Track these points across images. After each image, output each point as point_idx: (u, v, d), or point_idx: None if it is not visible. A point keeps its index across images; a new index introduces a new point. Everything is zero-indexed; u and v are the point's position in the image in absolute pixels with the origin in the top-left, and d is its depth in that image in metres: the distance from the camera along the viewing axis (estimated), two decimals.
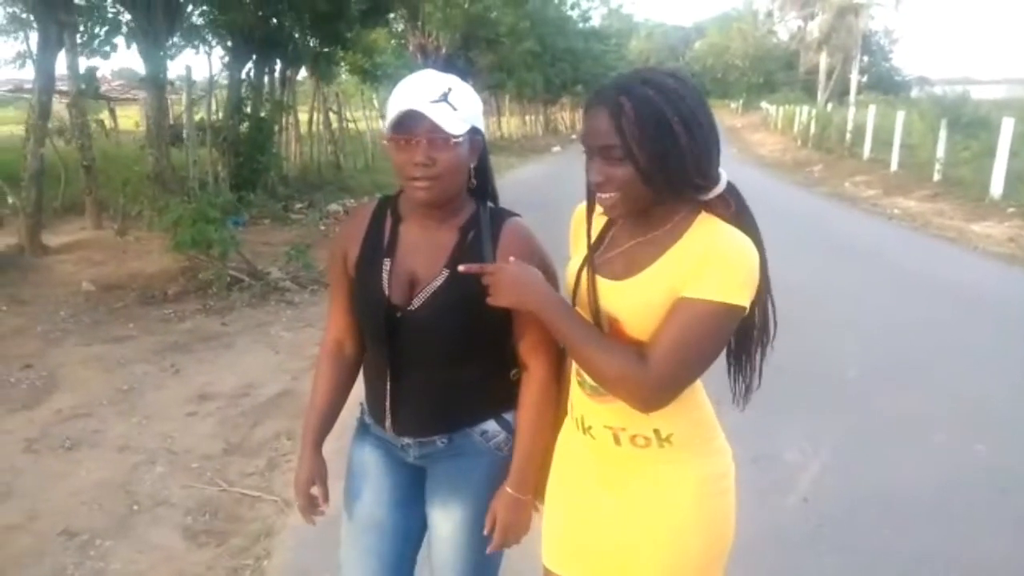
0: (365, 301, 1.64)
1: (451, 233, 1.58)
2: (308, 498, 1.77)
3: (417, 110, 1.45)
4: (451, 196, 1.55)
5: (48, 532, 3.15)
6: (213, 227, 6.30)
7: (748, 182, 4.43)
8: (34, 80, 8.41)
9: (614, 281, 1.38)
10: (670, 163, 1.28)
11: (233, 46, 11.74)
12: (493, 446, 1.66)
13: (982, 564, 2.90)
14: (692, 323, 1.27)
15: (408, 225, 1.62)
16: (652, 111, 1.26)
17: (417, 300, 1.56)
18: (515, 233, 1.60)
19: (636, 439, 1.43)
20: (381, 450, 1.75)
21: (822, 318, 6.02)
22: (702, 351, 1.30)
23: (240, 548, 3.05)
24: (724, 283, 1.26)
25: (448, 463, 1.68)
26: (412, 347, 1.59)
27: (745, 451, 3.67)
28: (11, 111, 27.24)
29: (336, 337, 1.77)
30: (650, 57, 72.52)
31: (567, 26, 29.56)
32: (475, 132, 1.55)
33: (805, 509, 3.27)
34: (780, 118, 31.82)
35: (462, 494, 1.66)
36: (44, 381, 4.77)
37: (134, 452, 3.84)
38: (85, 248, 8.22)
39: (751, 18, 60.97)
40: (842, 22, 40.16)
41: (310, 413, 1.79)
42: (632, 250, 1.38)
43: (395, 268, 1.59)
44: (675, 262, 1.32)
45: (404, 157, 1.49)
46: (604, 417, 1.45)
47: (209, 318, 6.02)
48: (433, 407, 1.65)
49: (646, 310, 1.32)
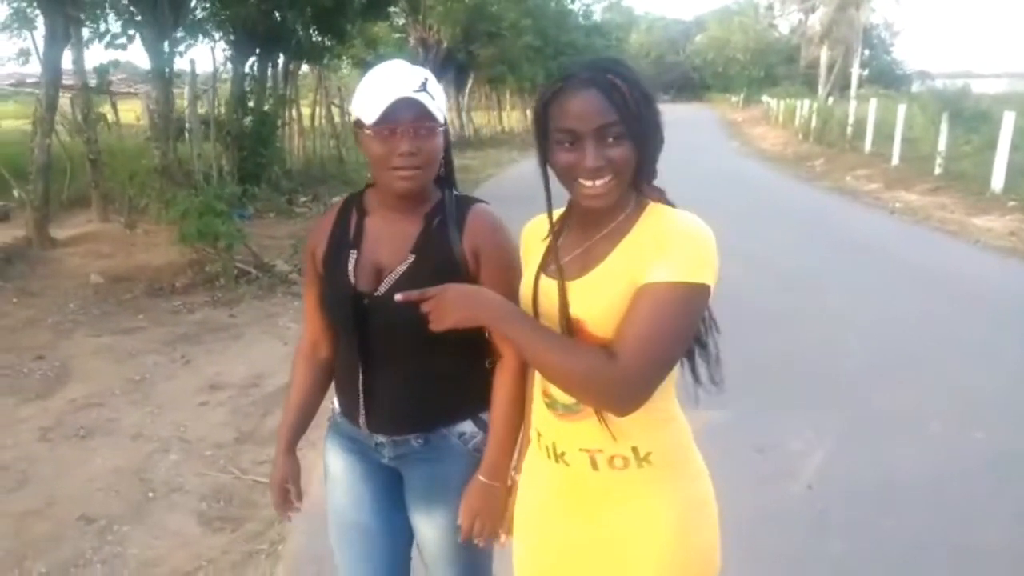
0: (332, 292, 1.62)
1: (417, 221, 1.58)
2: (282, 495, 1.81)
3: (408, 97, 1.45)
4: (427, 183, 1.57)
5: (66, 518, 3.22)
6: (220, 220, 6.36)
7: (750, 176, 4.45)
8: (41, 74, 8.45)
9: (570, 281, 1.31)
10: (655, 143, 1.28)
11: (236, 40, 11.78)
12: (472, 448, 1.63)
13: (981, 550, 2.96)
14: (657, 309, 1.19)
15: (373, 218, 1.62)
16: (642, 90, 1.25)
17: (383, 285, 1.55)
18: (481, 218, 1.59)
19: (614, 460, 1.34)
20: (355, 455, 1.72)
21: (824, 311, 6.08)
22: (673, 337, 1.22)
23: (255, 533, 3.11)
24: (685, 263, 1.20)
25: (426, 468, 1.65)
26: (382, 335, 1.57)
27: (750, 441, 3.77)
28: (11, 105, 27.25)
29: (311, 338, 1.77)
30: (650, 51, 72.45)
31: (568, 20, 29.56)
32: (444, 121, 1.56)
33: (809, 496, 3.33)
34: (781, 112, 31.79)
35: (445, 500, 1.64)
36: (57, 371, 4.84)
37: (148, 440, 3.91)
38: (92, 241, 8.28)
39: (752, 12, 60.81)
40: (843, 16, 40.07)
41: (285, 414, 1.81)
42: (586, 251, 1.32)
43: (361, 258, 1.59)
44: (630, 251, 1.27)
45: (388, 148, 1.47)
46: (579, 439, 1.36)
47: (217, 310, 6.09)
48: (407, 399, 1.62)
49: (607, 304, 1.25)
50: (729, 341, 1.54)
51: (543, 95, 1.28)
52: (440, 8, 21.30)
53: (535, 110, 1.31)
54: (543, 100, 1.27)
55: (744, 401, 4.26)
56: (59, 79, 8.49)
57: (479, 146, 21.82)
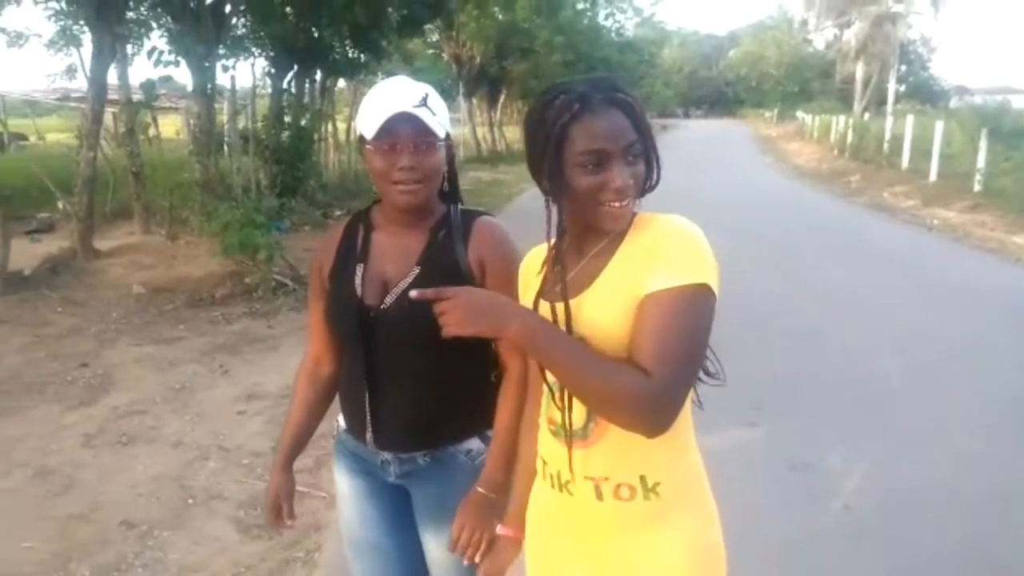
0: (338, 305, 1.62)
1: (422, 235, 1.58)
2: (275, 513, 1.80)
3: (406, 112, 1.46)
4: (430, 198, 1.57)
5: (109, 523, 3.29)
6: (259, 232, 6.49)
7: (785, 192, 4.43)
8: (87, 89, 8.69)
9: (572, 300, 1.27)
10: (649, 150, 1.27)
11: (275, 57, 12.02)
12: (479, 465, 1.60)
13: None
14: (671, 315, 1.15)
15: (380, 233, 1.62)
16: (642, 107, 1.25)
17: (389, 298, 1.55)
18: (486, 229, 1.59)
19: (620, 490, 1.28)
20: (361, 475, 1.71)
21: (861, 327, 6.02)
22: (692, 341, 1.17)
23: (291, 541, 3.15)
24: (686, 265, 1.17)
25: (433, 487, 1.63)
26: (388, 348, 1.57)
27: (784, 458, 3.74)
28: (55, 119, 28.01)
29: (314, 354, 1.76)
30: (683, 66, 72.31)
31: (601, 37, 29.64)
32: (447, 136, 1.56)
33: (846, 515, 3.29)
34: (816, 128, 31.52)
35: (452, 515, 1.60)
36: (100, 379, 4.96)
37: (188, 448, 3.99)
38: (134, 252, 8.47)
39: (786, 27, 60.45)
40: (879, 31, 39.70)
41: (284, 430, 1.80)
42: (581, 271, 1.29)
43: (367, 272, 1.59)
44: (625, 261, 1.24)
45: (388, 162, 1.48)
46: (584, 466, 1.30)
47: (255, 321, 6.19)
48: (414, 416, 1.60)
49: (609, 319, 1.22)
50: (762, 357, 1.53)
51: (560, 117, 1.21)
52: (473, 25, 21.52)
53: (549, 133, 1.22)
54: (561, 122, 1.20)
55: (776, 418, 4.24)
56: (104, 94, 8.74)
57: (511, 161, 21.91)
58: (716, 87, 75.60)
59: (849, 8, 41.59)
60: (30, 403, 4.58)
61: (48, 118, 27.96)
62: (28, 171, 10.71)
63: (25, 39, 8.38)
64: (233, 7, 10.36)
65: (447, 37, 22.49)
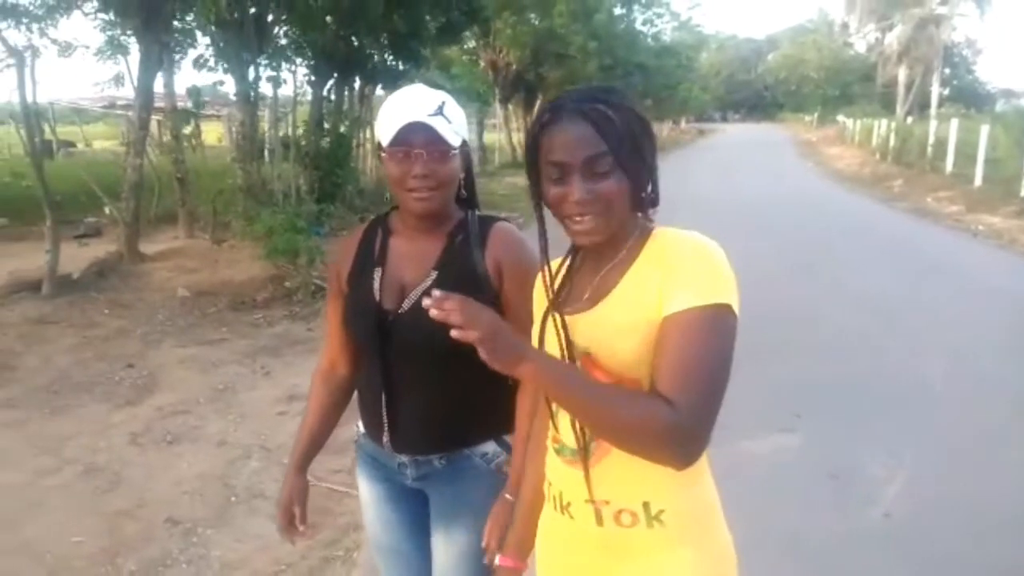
0: (356, 309, 1.63)
1: (440, 240, 1.59)
2: (288, 518, 1.78)
3: (419, 121, 1.48)
4: (445, 205, 1.58)
5: (155, 519, 3.38)
6: (300, 237, 6.59)
7: (826, 197, 4.39)
8: (134, 97, 8.92)
9: (581, 314, 1.24)
10: (649, 171, 1.21)
11: (316, 65, 12.20)
12: (494, 468, 1.62)
13: None
14: (694, 339, 1.10)
15: (398, 238, 1.64)
16: (633, 116, 1.18)
17: (407, 303, 1.57)
18: (503, 234, 1.60)
19: (621, 516, 1.22)
20: (381, 481, 1.73)
21: (904, 334, 5.93)
22: (717, 364, 1.11)
23: (331, 540, 3.20)
24: (706, 285, 1.12)
25: (449, 487, 1.64)
26: (405, 352, 1.58)
27: (823, 465, 3.71)
28: (101, 126, 28.75)
29: (330, 357, 1.77)
30: (721, 70, 71.74)
31: (637, 42, 29.53)
32: (464, 144, 1.57)
33: (886, 523, 3.25)
34: (857, 132, 31.04)
35: (465, 519, 1.62)
36: (145, 380, 5.08)
37: (231, 447, 4.08)
38: (179, 256, 8.67)
39: (827, 30, 59.70)
40: (922, 33, 39.00)
41: (299, 433, 1.81)
42: (596, 285, 1.24)
43: (385, 277, 1.61)
44: (639, 278, 1.19)
45: (403, 169, 1.51)
46: (586, 489, 1.25)
47: (295, 324, 6.30)
48: (430, 419, 1.61)
49: (617, 334, 1.17)
50: (802, 362, 1.51)
51: (532, 126, 1.21)
52: (509, 31, 21.59)
53: (526, 142, 1.24)
54: (532, 132, 1.21)
55: (815, 425, 4.20)
56: (151, 102, 8.95)
57: None
58: (755, 91, 74.89)
59: (891, 11, 40.95)
60: (79, 402, 4.72)
61: (94, 125, 28.69)
62: (76, 177, 11.00)
63: (73, 49, 8.60)
64: (275, 16, 10.56)
65: (484, 44, 22.60)
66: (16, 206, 10.56)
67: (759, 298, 6.67)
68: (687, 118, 57.59)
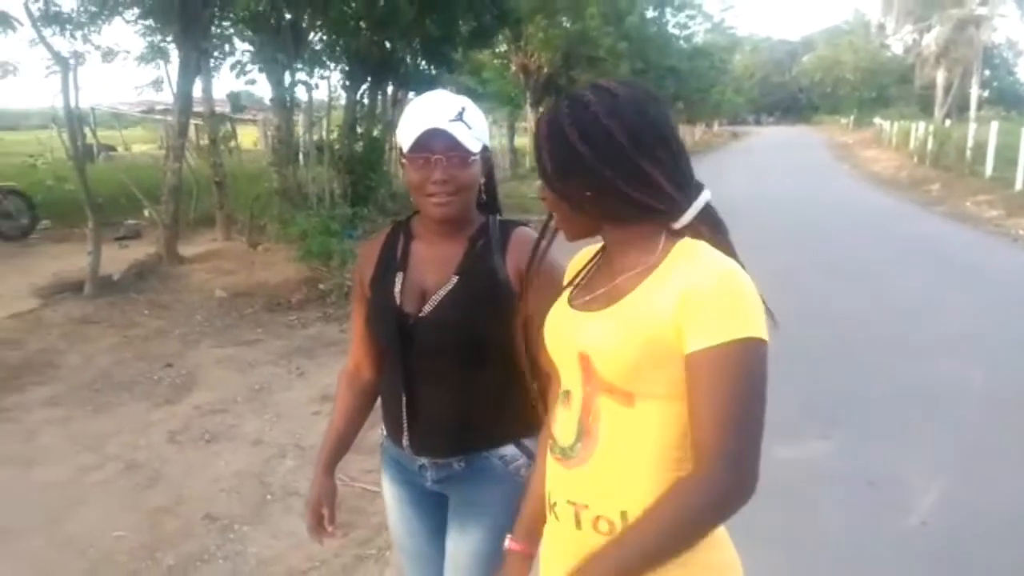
0: (378, 314, 1.65)
1: (461, 245, 1.60)
2: (317, 518, 1.79)
3: (438, 128, 1.49)
4: (466, 211, 1.59)
5: (193, 516, 3.45)
6: (334, 239, 6.68)
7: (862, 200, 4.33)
8: (174, 102, 9.10)
9: (590, 313, 1.22)
10: (574, 178, 1.16)
11: (350, 70, 12.33)
12: (513, 471, 1.62)
13: None
14: (722, 382, 1.06)
15: (419, 243, 1.65)
16: (555, 126, 1.16)
17: (428, 307, 1.58)
18: (523, 238, 1.60)
19: (599, 523, 1.18)
20: (403, 485, 1.75)
21: (943, 340, 5.82)
22: (751, 404, 1.07)
23: (364, 539, 3.24)
24: (731, 318, 1.07)
25: (467, 488, 1.65)
26: (425, 355, 1.59)
27: (860, 473, 3.67)
28: (139, 131, 29.34)
29: (355, 360, 1.79)
30: (754, 72, 71.08)
31: (670, 45, 29.39)
32: (484, 149, 1.58)
33: (923, 532, 3.21)
34: (894, 134, 30.57)
35: (480, 517, 1.63)
36: (184, 379, 5.19)
37: (267, 446, 4.15)
38: (216, 258, 8.81)
39: (863, 31, 58.88)
40: (961, 35, 38.29)
41: (326, 435, 1.82)
42: (616, 286, 1.21)
43: (407, 281, 1.62)
44: (652, 290, 1.14)
45: (422, 175, 1.52)
46: (568, 489, 1.23)
47: (329, 325, 6.37)
48: (450, 422, 1.62)
49: (616, 341, 1.14)
50: (839, 369, 1.49)
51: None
52: (541, 35, 21.62)
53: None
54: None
55: (852, 431, 4.15)
56: (190, 107, 9.12)
57: None
58: (789, 93, 74.11)
59: (929, 12, 40.27)
60: (120, 400, 4.83)
61: (133, 129, 29.28)
62: (117, 180, 11.25)
63: (115, 55, 8.81)
64: (310, 22, 10.70)
65: (515, 47, 22.65)
66: (59, 209, 10.81)
67: (794, 303, 6.62)
68: (720, 121, 57.17)
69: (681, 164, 1.18)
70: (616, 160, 1.13)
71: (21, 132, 20.18)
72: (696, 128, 46.43)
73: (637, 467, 1.16)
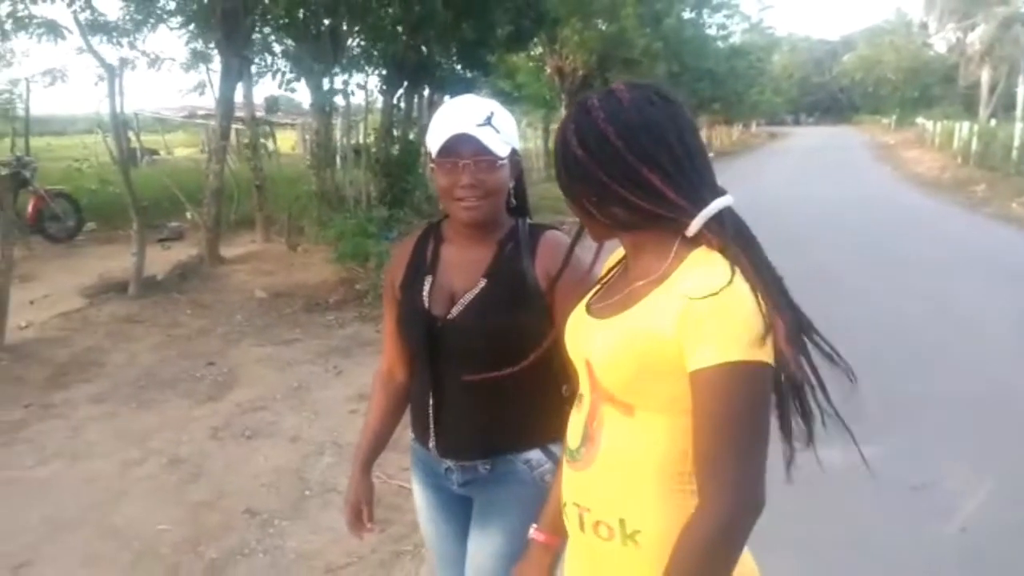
0: (407, 316, 1.66)
1: (490, 248, 1.61)
2: (356, 515, 1.84)
3: (466, 133, 1.50)
4: (494, 214, 1.60)
5: (233, 510, 3.52)
6: (371, 241, 6.75)
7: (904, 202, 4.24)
8: (216, 107, 9.28)
9: (599, 320, 1.21)
10: (578, 184, 1.16)
11: (387, 74, 12.45)
12: (537, 476, 1.62)
13: None
14: (719, 406, 1.05)
15: (449, 246, 1.66)
16: (561, 131, 1.18)
17: (455, 309, 1.59)
18: (552, 242, 1.60)
19: (599, 527, 1.19)
20: (431, 488, 1.77)
21: (991, 347, 5.71)
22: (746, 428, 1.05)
23: (400, 535, 3.28)
24: (731, 339, 1.04)
25: (491, 490, 1.66)
26: (452, 359, 1.60)
27: (902, 477, 3.61)
28: (181, 135, 29.90)
29: (388, 362, 1.80)
30: (793, 72, 70.17)
31: (707, 46, 29.13)
32: (514, 153, 1.58)
33: (963, 538, 3.16)
34: (938, 135, 29.95)
35: (501, 520, 1.63)
36: (225, 377, 5.29)
37: (305, 443, 4.21)
38: (256, 259, 8.95)
39: (904, 30, 57.80)
40: (1007, 33, 37.36)
41: (362, 436, 1.85)
42: (629, 293, 1.19)
43: (436, 284, 1.63)
44: (658, 303, 1.11)
45: (451, 180, 1.53)
46: (574, 491, 1.24)
47: (365, 325, 6.44)
48: (475, 424, 1.63)
49: (614, 353, 1.14)
50: (882, 372, 1.47)
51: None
52: (576, 38, 21.59)
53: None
54: None
55: (895, 436, 4.08)
56: (232, 112, 9.29)
57: None
58: (829, 93, 73.06)
59: (974, 10, 39.40)
60: (163, 397, 4.94)
61: (175, 134, 29.84)
62: (160, 183, 11.49)
63: (161, 61, 9.01)
64: (349, 28, 10.83)
65: (550, 50, 22.65)
66: (104, 211, 11.07)
67: (839, 306, 6.54)
68: (757, 121, 56.54)
69: (688, 169, 1.12)
70: (612, 166, 1.11)
71: (67, 137, 20.69)
72: (733, 128, 45.95)
73: (637, 477, 1.15)
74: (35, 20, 7.56)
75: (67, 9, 7.34)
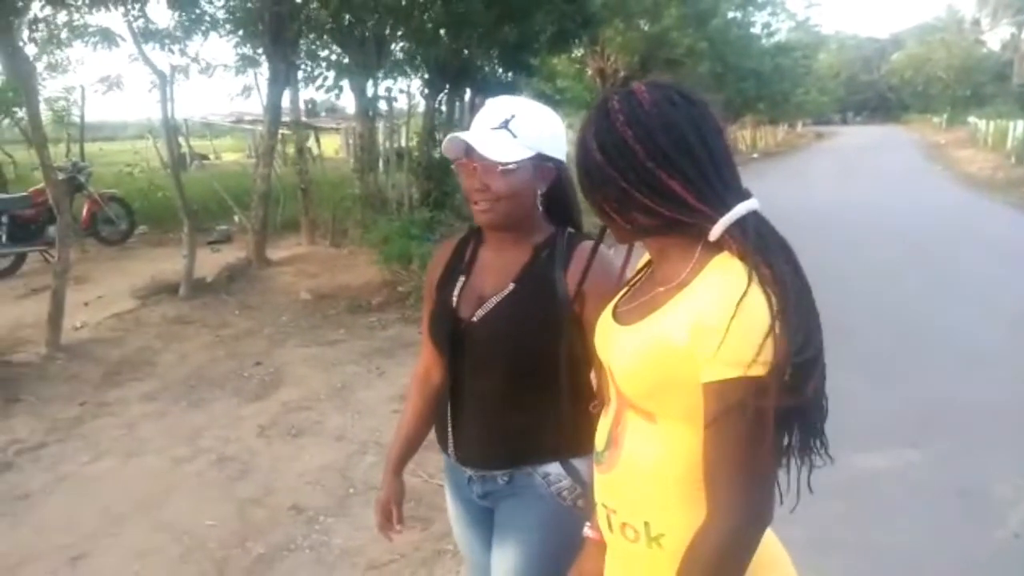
0: (436, 315, 1.66)
1: (525, 253, 1.58)
2: (386, 516, 1.84)
3: (457, 136, 1.50)
4: (515, 220, 1.55)
5: (280, 507, 3.60)
6: (414, 243, 6.81)
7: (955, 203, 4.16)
8: (263, 112, 9.45)
9: (622, 326, 1.20)
10: (599, 188, 1.15)
11: (429, 78, 12.55)
12: (555, 491, 1.58)
13: None
14: (720, 417, 1.04)
15: (486, 249, 1.65)
16: (581, 134, 1.16)
17: (480, 311, 1.57)
18: (583, 254, 1.51)
19: (626, 529, 1.20)
20: (460, 500, 1.77)
21: None
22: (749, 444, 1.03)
23: (442, 533, 3.30)
24: (742, 353, 1.01)
25: (509, 504, 1.64)
26: (473, 362, 1.58)
27: (950, 483, 3.54)
28: (228, 140, 30.48)
29: (425, 363, 1.78)
30: (840, 71, 68.86)
31: (752, 46, 28.73)
32: (543, 159, 1.52)
33: (1015, 544, 3.09)
34: (990, 133, 29.11)
35: (516, 535, 1.61)
36: (272, 376, 5.39)
37: (349, 442, 4.28)
38: (301, 262, 9.09)
39: (955, 27, 56.38)
40: None
41: (395, 437, 1.85)
42: (652, 298, 1.17)
43: (467, 285, 1.62)
44: (677, 311, 1.10)
45: (468, 182, 1.53)
46: (603, 493, 1.25)
47: (408, 326, 6.50)
48: (493, 433, 1.60)
49: (631, 362, 1.14)
50: (930, 376, 1.45)
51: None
52: (619, 38, 21.50)
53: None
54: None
55: (942, 441, 4.00)
56: (279, 117, 9.44)
57: None
58: (877, 92, 71.54)
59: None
60: (212, 396, 5.06)
61: (223, 139, 30.44)
62: (209, 187, 11.77)
63: (213, 68, 9.21)
64: (392, 33, 10.94)
65: (592, 52, 22.59)
66: (155, 215, 11.37)
67: (888, 310, 6.40)
68: (804, 121, 55.62)
69: (711, 173, 1.09)
70: (630, 170, 1.10)
71: (118, 142, 21.25)
72: (779, 128, 45.27)
73: (659, 482, 1.16)
74: (90, 28, 7.77)
75: (122, 18, 7.54)
